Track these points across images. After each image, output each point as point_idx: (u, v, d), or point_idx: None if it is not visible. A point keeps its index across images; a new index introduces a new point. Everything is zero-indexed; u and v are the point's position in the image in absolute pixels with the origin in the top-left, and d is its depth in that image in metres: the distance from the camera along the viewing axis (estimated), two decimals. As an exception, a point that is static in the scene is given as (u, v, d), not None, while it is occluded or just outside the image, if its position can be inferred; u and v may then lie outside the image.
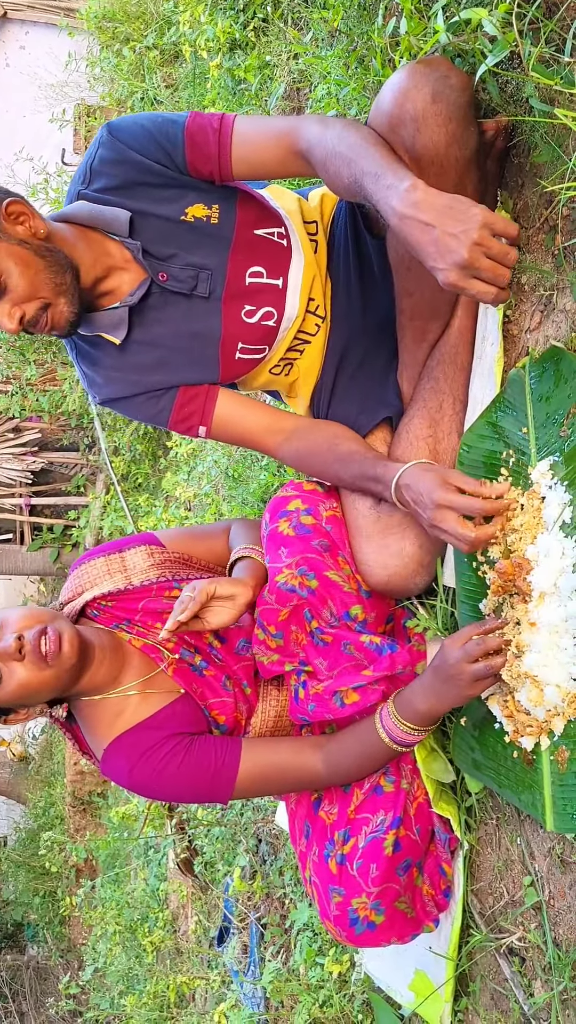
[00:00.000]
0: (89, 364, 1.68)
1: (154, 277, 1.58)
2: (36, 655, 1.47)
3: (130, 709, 1.58)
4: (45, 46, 6.46)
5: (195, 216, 1.56)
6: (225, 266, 1.59)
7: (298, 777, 1.57)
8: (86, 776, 6.00)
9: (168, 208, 1.55)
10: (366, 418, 1.65)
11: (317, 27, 2.25)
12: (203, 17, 3.26)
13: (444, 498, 1.34)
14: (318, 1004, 2.14)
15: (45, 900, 6.46)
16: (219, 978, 3.02)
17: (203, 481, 4.03)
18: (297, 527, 1.58)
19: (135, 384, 1.64)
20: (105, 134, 1.54)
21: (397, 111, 1.31)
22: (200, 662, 1.65)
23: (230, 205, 1.58)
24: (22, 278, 1.46)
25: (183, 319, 1.61)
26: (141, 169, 1.53)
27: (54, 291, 1.50)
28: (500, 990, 1.51)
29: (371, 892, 1.49)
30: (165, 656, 1.63)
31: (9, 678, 1.48)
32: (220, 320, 1.61)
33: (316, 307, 1.68)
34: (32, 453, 6.97)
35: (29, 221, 1.49)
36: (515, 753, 1.38)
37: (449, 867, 1.58)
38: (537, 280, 1.43)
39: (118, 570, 1.73)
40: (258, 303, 1.62)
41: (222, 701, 1.64)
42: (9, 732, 8.28)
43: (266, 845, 2.82)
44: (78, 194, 1.57)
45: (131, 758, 1.53)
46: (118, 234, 1.56)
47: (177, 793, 1.56)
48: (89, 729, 1.61)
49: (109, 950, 4.14)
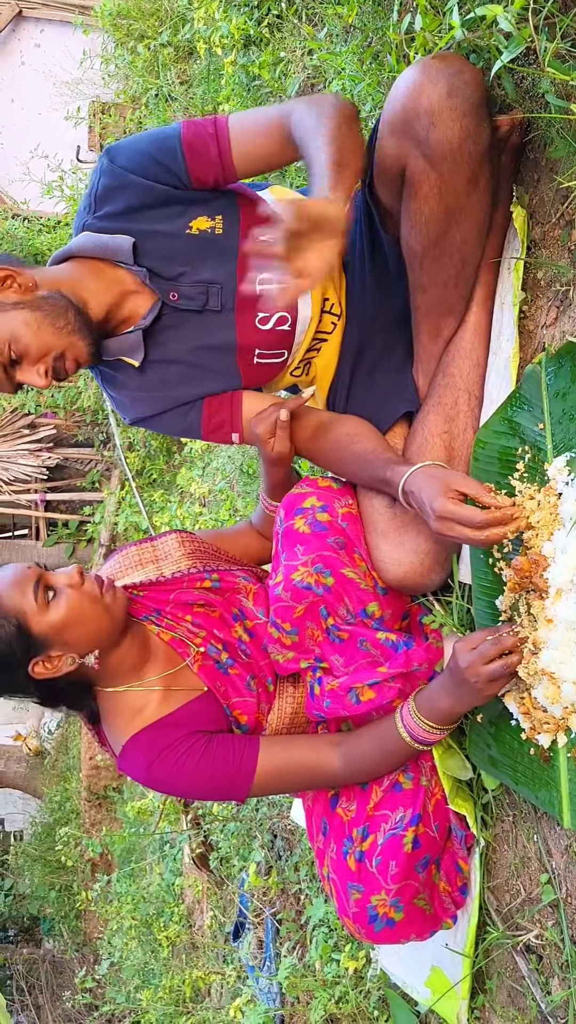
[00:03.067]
0: (114, 388, 1.71)
1: (165, 299, 1.60)
2: (94, 583, 1.52)
3: (151, 705, 1.59)
4: (60, 44, 6.48)
5: (199, 228, 1.58)
6: (234, 277, 1.60)
7: (316, 775, 1.56)
8: (101, 771, 6.03)
9: (172, 224, 1.57)
10: (385, 414, 1.65)
11: (332, 23, 2.25)
12: (217, 14, 3.26)
13: (444, 509, 1.32)
14: (334, 1000, 2.15)
15: (61, 894, 6.49)
16: (235, 973, 3.03)
17: (218, 477, 4.04)
18: (313, 524, 1.58)
19: (161, 400, 1.68)
20: (105, 162, 1.57)
21: (412, 105, 1.31)
22: (226, 659, 1.65)
23: (233, 214, 1.59)
24: (30, 339, 1.52)
25: (198, 334, 1.63)
26: (142, 191, 1.55)
27: (61, 337, 1.54)
28: (517, 988, 1.51)
29: (390, 889, 1.49)
30: (191, 650, 1.63)
31: (59, 601, 1.50)
32: (235, 331, 1.63)
33: (331, 305, 1.68)
34: (47, 449, 7.00)
35: (16, 280, 1.53)
36: (532, 750, 1.38)
37: (465, 864, 1.58)
38: (553, 276, 1.43)
39: (149, 560, 1.76)
40: (271, 309, 1.63)
41: (245, 701, 1.64)
42: (25, 727, 8.32)
43: (281, 841, 2.83)
44: (84, 225, 1.60)
45: (149, 755, 1.53)
46: (124, 262, 1.58)
47: (194, 791, 1.57)
48: (109, 722, 1.61)
49: (125, 944, 4.16)
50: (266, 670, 1.68)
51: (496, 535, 1.30)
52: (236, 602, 1.75)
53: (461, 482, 1.35)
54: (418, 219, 1.42)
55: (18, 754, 8.01)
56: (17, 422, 6.84)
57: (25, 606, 1.49)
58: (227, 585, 1.75)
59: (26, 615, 1.49)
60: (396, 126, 1.35)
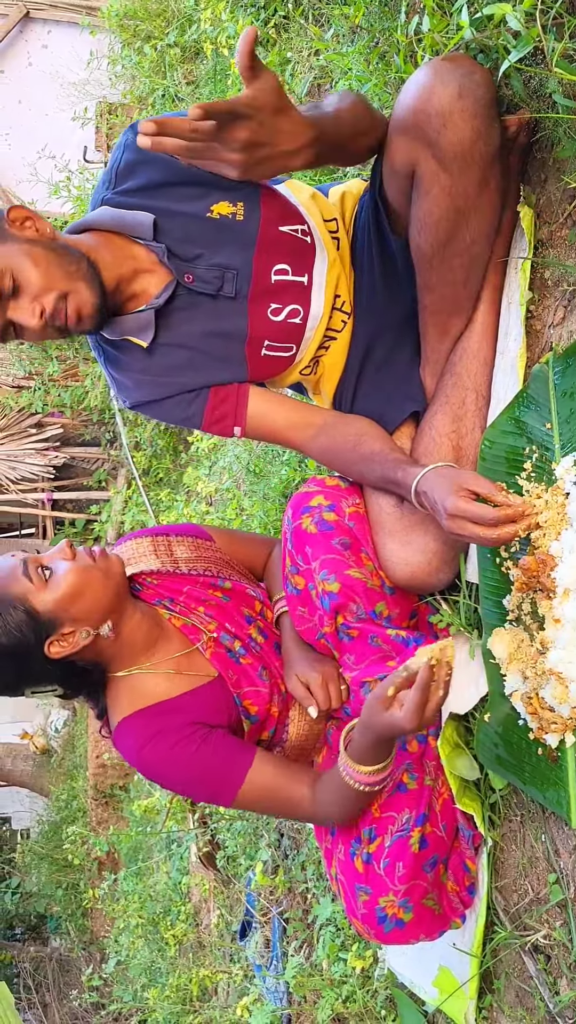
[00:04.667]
0: (117, 369, 1.68)
1: (180, 279, 1.58)
2: (85, 554, 1.54)
3: (156, 687, 1.58)
4: (67, 45, 6.48)
5: (220, 213, 1.56)
6: (250, 264, 1.58)
7: (295, 807, 1.56)
8: (108, 769, 6.04)
9: (193, 206, 1.55)
10: (393, 414, 1.65)
11: (338, 23, 2.25)
12: (224, 14, 3.26)
13: (456, 507, 1.32)
14: (341, 999, 2.15)
15: (68, 892, 6.50)
16: (241, 972, 3.04)
17: (224, 476, 4.04)
18: (319, 523, 1.58)
19: (164, 386, 1.65)
20: (130, 137, 1.55)
21: (422, 107, 1.31)
22: (239, 648, 1.65)
23: (254, 202, 1.57)
24: (34, 272, 1.46)
25: (210, 319, 1.61)
26: (165, 168, 1.53)
27: (69, 279, 1.49)
28: (525, 988, 1.51)
29: (398, 890, 1.48)
30: (204, 635, 1.63)
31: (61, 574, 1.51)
32: (246, 319, 1.61)
33: (342, 303, 1.68)
34: (54, 448, 7.01)
35: (35, 224, 1.51)
36: (539, 750, 1.38)
37: (473, 863, 1.58)
38: (560, 275, 1.43)
39: (165, 553, 1.75)
40: (284, 301, 1.62)
41: (257, 691, 1.64)
42: (32, 726, 8.34)
43: (288, 840, 2.83)
44: (102, 200, 1.58)
45: (144, 736, 1.53)
46: (142, 238, 1.56)
47: (181, 782, 1.56)
48: (113, 701, 1.61)
49: (132, 943, 4.16)
50: (278, 675, 1.69)
51: (508, 533, 1.30)
52: (250, 605, 1.75)
53: (473, 481, 1.35)
54: (428, 220, 1.42)
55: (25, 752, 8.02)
56: (24, 421, 6.86)
57: (24, 589, 1.50)
58: (238, 592, 1.76)
59: (27, 597, 1.50)
60: (406, 128, 1.35)
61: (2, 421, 6.82)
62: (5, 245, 1.47)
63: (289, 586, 1.65)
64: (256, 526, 3.11)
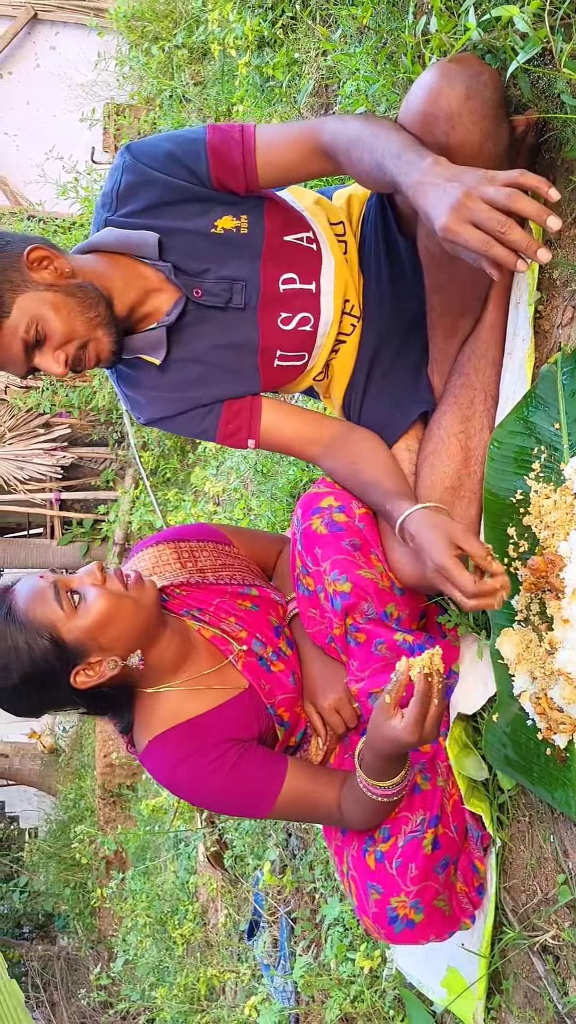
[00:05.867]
0: (130, 387, 1.69)
1: (189, 294, 1.59)
2: (117, 578, 1.48)
3: (185, 701, 1.55)
4: (75, 46, 6.50)
5: (224, 228, 1.57)
6: (258, 275, 1.59)
7: (323, 813, 1.56)
8: (116, 769, 6.05)
9: (197, 222, 1.56)
10: (402, 415, 1.65)
11: (346, 24, 2.25)
12: (232, 15, 3.27)
13: (444, 567, 1.33)
14: (349, 999, 2.15)
15: (76, 891, 6.52)
16: (249, 971, 3.04)
17: (232, 476, 4.05)
18: (329, 524, 1.58)
19: (178, 402, 1.66)
20: (127, 159, 1.55)
21: (430, 109, 1.31)
22: (271, 653, 1.65)
23: (258, 214, 1.58)
24: (57, 322, 1.49)
25: (221, 332, 1.62)
26: (166, 188, 1.54)
27: (89, 327, 1.52)
28: (534, 988, 1.51)
29: (410, 891, 1.48)
30: (234, 647, 1.62)
31: (86, 605, 1.45)
32: (257, 330, 1.62)
33: (351, 307, 1.68)
34: (62, 448, 7.02)
35: (53, 263, 1.51)
36: (548, 750, 1.38)
37: (482, 864, 1.58)
38: (569, 276, 1.43)
39: (190, 562, 1.73)
40: (294, 309, 1.63)
41: (289, 697, 1.65)
42: (39, 724, 8.35)
43: (296, 840, 2.83)
44: (105, 221, 1.58)
45: (176, 756, 1.49)
46: (148, 258, 1.57)
47: (216, 801, 1.55)
48: (142, 718, 1.57)
49: (139, 942, 4.17)
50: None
51: (481, 605, 1.30)
52: (276, 612, 1.75)
53: (463, 539, 1.34)
54: None
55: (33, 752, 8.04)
56: (32, 421, 6.87)
57: (53, 616, 1.44)
58: (265, 599, 1.75)
59: (56, 625, 1.44)
60: (414, 129, 1.34)
61: (10, 421, 6.84)
62: (27, 294, 1.49)
63: (300, 587, 1.65)
64: (264, 526, 3.12)
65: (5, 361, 1.53)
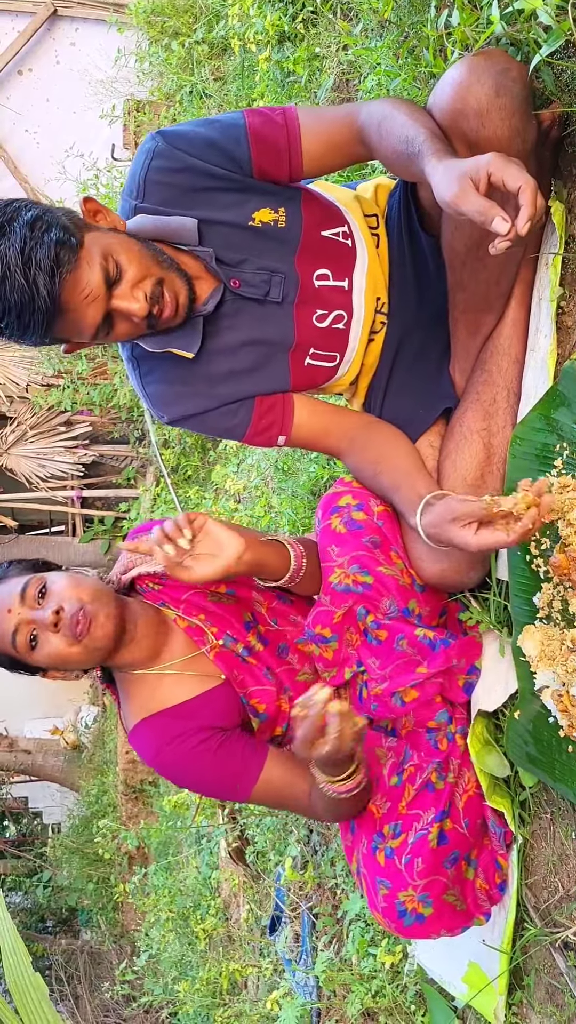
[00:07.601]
0: (155, 383, 1.64)
1: (227, 284, 1.55)
2: (70, 630, 1.53)
3: (167, 689, 1.62)
4: (95, 42, 6.51)
5: (263, 221, 1.53)
6: (295, 270, 1.57)
7: (297, 804, 1.62)
8: (138, 765, 6.07)
9: (233, 214, 1.51)
10: (426, 411, 1.64)
11: (367, 18, 2.24)
12: (252, 10, 3.26)
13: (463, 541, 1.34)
14: (371, 994, 2.15)
15: (98, 886, 6.55)
16: (271, 966, 3.05)
17: (252, 473, 4.05)
18: (348, 523, 1.58)
19: (207, 398, 1.61)
20: (160, 143, 1.48)
21: (459, 106, 1.29)
22: (242, 650, 1.67)
23: (296, 207, 1.55)
24: (130, 259, 1.42)
25: (256, 325, 1.58)
26: (203, 175, 1.49)
27: (161, 266, 1.45)
28: (555, 984, 1.50)
29: (417, 885, 1.49)
30: (208, 640, 1.65)
31: (42, 647, 1.55)
32: (293, 325, 1.60)
33: (382, 305, 1.66)
34: (83, 446, 7.06)
35: (107, 216, 1.49)
36: (570, 747, 1.37)
37: (504, 861, 1.58)
38: (592, 271, 1.42)
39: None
40: (329, 307, 1.61)
41: (264, 690, 1.66)
42: (62, 721, 8.41)
43: (317, 836, 2.83)
44: (135, 208, 1.51)
45: (160, 741, 1.57)
46: (188, 243, 1.51)
47: (197, 783, 1.62)
48: (125, 700, 1.66)
49: (162, 936, 4.19)
50: (283, 677, 1.70)
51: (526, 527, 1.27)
52: (250, 607, 1.75)
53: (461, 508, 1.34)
54: (462, 219, 1.41)
55: (56, 748, 8.10)
56: (53, 419, 6.91)
57: (10, 651, 1.58)
58: (242, 595, 1.75)
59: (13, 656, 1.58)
60: (442, 125, 1.33)
61: (32, 419, 6.88)
62: (94, 233, 1.42)
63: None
64: (284, 523, 3.12)
65: (84, 303, 1.38)
